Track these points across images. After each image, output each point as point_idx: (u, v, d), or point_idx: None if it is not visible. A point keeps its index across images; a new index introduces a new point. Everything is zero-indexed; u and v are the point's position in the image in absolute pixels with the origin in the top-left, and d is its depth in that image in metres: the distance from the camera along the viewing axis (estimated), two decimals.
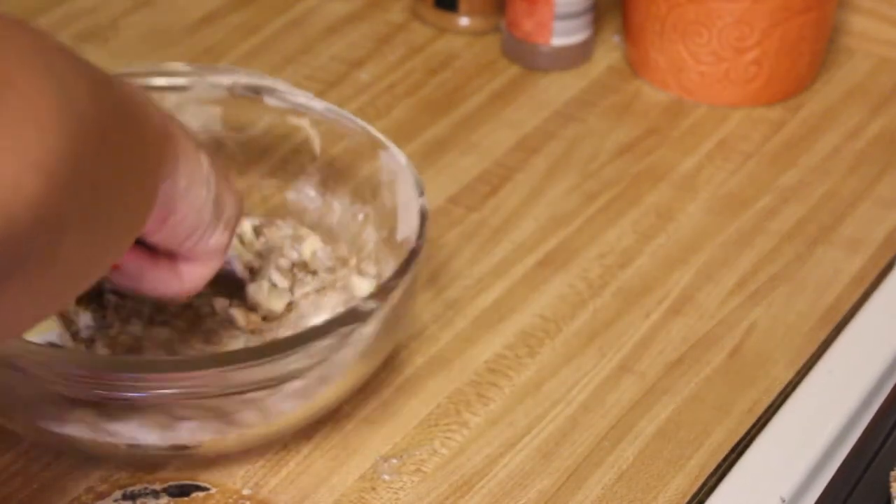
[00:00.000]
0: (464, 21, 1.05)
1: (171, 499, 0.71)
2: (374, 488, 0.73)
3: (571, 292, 0.85)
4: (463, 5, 1.05)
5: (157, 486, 0.72)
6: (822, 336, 0.82)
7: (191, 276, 0.68)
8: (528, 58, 1.03)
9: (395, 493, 0.72)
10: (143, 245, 0.66)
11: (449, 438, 0.75)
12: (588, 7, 1.01)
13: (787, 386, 0.79)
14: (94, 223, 0.54)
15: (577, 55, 1.03)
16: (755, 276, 0.86)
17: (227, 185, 0.67)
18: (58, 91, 0.49)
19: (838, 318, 0.84)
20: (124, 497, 0.71)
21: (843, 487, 0.71)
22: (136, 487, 0.71)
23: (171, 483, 0.72)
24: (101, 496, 0.71)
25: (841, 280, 0.86)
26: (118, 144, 0.55)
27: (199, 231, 0.66)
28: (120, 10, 1.06)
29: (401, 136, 0.95)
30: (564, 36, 1.01)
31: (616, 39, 1.05)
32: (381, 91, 1.00)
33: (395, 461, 0.74)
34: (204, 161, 0.64)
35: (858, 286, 0.86)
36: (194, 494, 0.72)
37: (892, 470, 0.71)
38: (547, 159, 0.95)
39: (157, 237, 0.65)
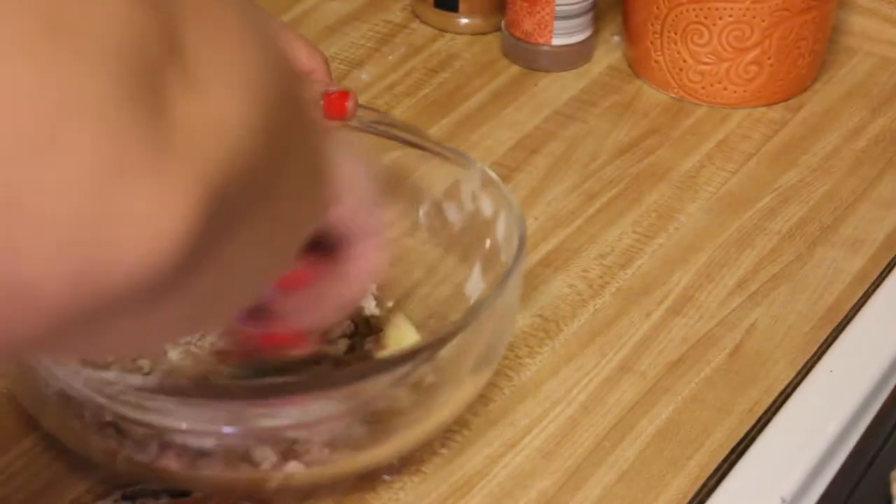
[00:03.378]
0: (464, 21, 1.05)
1: (170, 498, 0.71)
2: (373, 488, 0.73)
3: (571, 292, 0.85)
4: (463, 5, 1.05)
5: (157, 486, 0.71)
6: (823, 336, 0.82)
7: (357, 272, 0.59)
8: (528, 58, 1.02)
9: (395, 493, 0.72)
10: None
11: (449, 438, 0.75)
12: (588, 7, 1.01)
13: (787, 386, 0.79)
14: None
15: (577, 55, 1.03)
16: (755, 276, 0.86)
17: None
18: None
19: (838, 318, 0.84)
20: (124, 497, 0.71)
21: (843, 487, 0.71)
22: (136, 487, 0.71)
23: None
24: (101, 496, 0.71)
25: (841, 280, 0.86)
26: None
27: (366, 201, 0.57)
28: None
29: None
30: (564, 36, 1.01)
31: (616, 39, 1.05)
32: (381, 91, 1.00)
33: (394, 461, 0.74)
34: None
35: (859, 286, 0.86)
36: (194, 494, 0.72)
37: (893, 470, 0.71)
38: (547, 159, 0.95)
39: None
